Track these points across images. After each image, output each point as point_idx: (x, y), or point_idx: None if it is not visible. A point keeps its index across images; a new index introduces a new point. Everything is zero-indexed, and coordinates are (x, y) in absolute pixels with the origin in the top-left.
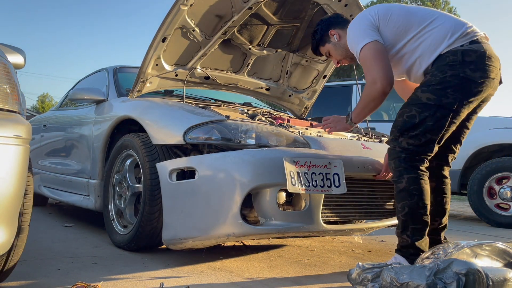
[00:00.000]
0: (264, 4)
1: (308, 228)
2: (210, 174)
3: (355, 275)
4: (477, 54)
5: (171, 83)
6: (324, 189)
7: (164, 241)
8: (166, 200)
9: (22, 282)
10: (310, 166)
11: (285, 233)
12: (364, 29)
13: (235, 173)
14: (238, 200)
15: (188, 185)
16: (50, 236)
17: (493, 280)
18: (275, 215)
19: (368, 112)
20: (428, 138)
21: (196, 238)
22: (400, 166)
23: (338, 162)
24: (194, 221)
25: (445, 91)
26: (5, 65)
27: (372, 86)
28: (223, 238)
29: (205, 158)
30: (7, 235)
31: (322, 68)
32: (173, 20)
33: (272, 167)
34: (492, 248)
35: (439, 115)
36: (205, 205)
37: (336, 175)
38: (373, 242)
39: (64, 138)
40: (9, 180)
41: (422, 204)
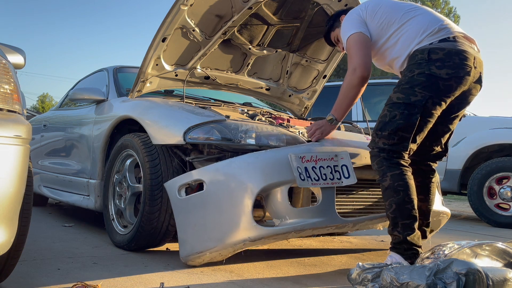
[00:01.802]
0: (264, 4)
1: (325, 222)
2: (218, 183)
3: (355, 275)
4: (444, 52)
5: (171, 83)
6: (334, 181)
7: (182, 259)
8: (178, 216)
9: (22, 282)
10: (316, 160)
11: (302, 230)
12: (352, 21)
13: (243, 177)
14: (249, 204)
15: (198, 197)
16: (50, 236)
17: (493, 280)
18: (289, 214)
19: (349, 103)
20: (400, 136)
21: (212, 249)
22: (383, 165)
23: (344, 154)
24: (208, 233)
25: (413, 90)
26: (5, 65)
27: (353, 74)
28: (239, 244)
29: (210, 168)
30: (7, 235)
31: (322, 68)
32: (173, 20)
33: (279, 165)
34: (492, 248)
35: (407, 113)
36: (217, 214)
37: (345, 166)
38: (373, 242)
39: (64, 138)
40: (9, 180)
41: (408, 199)
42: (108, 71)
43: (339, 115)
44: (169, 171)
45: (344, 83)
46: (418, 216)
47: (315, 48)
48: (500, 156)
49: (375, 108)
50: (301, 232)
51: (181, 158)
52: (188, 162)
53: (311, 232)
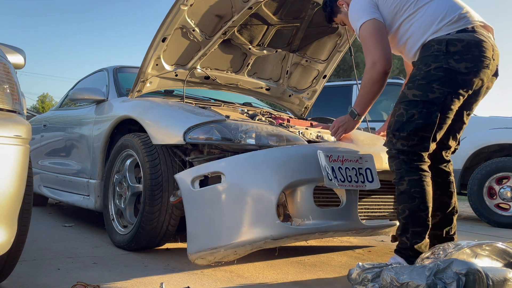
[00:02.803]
0: (264, 4)
1: (348, 225)
2: (239, 176)
3: (355, 275)
4: (463, 44)
5: (171, 83)
6: (358, 184)
7: (191, 255)
8: (190, 210)
9: (22, 282)
10: (343, 160)
11: (325, 232)
12: (363, 5)
13: (268, 171)
14: (273, 200)
15: (215, 190)
16: (50, 236)
17: (493, 280)
18: (312, 214)
19: (372, 98)
20: (421, 136)
21: (228, 245)
22: (401, 168)
23: (369, 157)
24: (224, 228)
25: (431, 86)
26: (5, 65)
27: (373, 68)
28: (259, 242)
29: (231, 160)
30: (7, 235)
31: (322, 68)
32: (173, 20)
33: (306, 162)
34: (492, 248)
35: (426, 112)
36: (236, 209)
37: (368, 169)
38: (373, 242)
39: (64, 138)
40: (9, 180)
41: (423, 207)
42: (108, 71)
43: (362, 110)
44: (169, 171)
45: (364, 77)
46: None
47: (315, 48)
48: (500, 156)
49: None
50: (324, 234)
51: (181, 158)
52: (188, 162)
53: (332, 234)
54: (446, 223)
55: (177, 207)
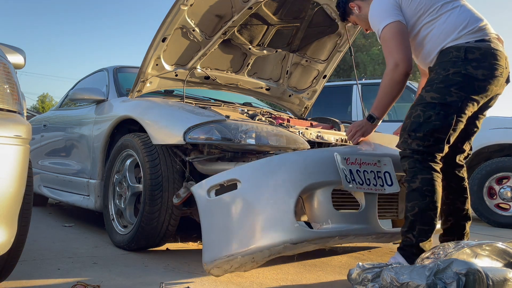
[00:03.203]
0: (264, 4)
1: (368, 229)
2: (255, 182)
3: (355, 275)
4: (481, 52)
5: (171, 83)
6: (377, 188)
7: (206, 265)
8: (206, 218)
9: (22, 282)
10: (361, 163)
11: (346, 236)
12: (387, 6)
13: (284, 175)
14: (291, 203)
15: (231, 197)
16: (50, 236)
17: (493, 280)
18: (331, 218)
19: (391, 101)
20: (436, 137)
21: (245, 252)
22: (415, 167)
23: (387, 160)
24: (241, 234)
25: (449, 89)
26: (5, 65)
27: (395, 70)
28: (278, 247)
29: (247, 166)
30: (7, 235)
31: (322, 68)
32: (173, 20)
33: (323, 165)
34: (492, 248)
35: (443, 114)
36: (253, 214)
37: (387, 173)
38: (373, 242)
39: (64, 138)
40: (9, 180)
41: (433, 206)
42: (108, 71)
43: (380, 114)
44: (169, 171)
45: (385, 79)
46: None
47: (315, 48)
48: (500, 156)
49: None
50: (344, 237)
51: (181, 158)
52: (188, 162)
53: (352, 239)
54: (458, 229)
55: (178, 208)
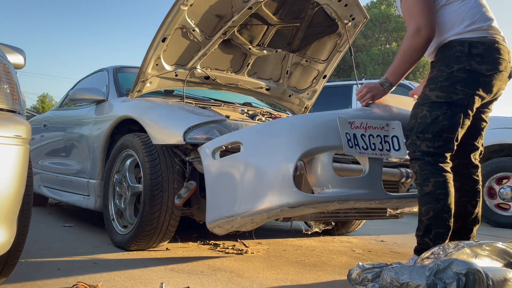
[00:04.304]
0: (264, 4)
1: (371, 195)
2: (257, 144)
3: (355, 275)
4: (485, 47)
5: (171, 83)
6: (383, 152)
7: (209, 224)
8: (210, 180)
9: (22, 282)
10: (366, 127)
11: (346, 201)
12: None
13: (285, 139)
14: (290, 167)
15: (233, 159)
16: (50, 236)
17: (493, 280)
18: (332, 183)
19: (408, 68)
20: (445, 137)
21: (245, 213)
22: (426, 169)
23: (396, 124)
24: (241, 196)
25: (454, 87)
26: (5, 65)
27: (417, 35)
28: (276, 210)
29: (250, 129)
30: (7, 235)
31: (322, 68)
32: (173, 20)
33: (325, 129)
34: (492, 248)
35: (450, 113)
36: (253, 177)
37: (395, 137)
38: (373, 242)
39: (64, 138)
40: (9, 180)
41: (447, 209)
42: (108, 71)
43: (395, 80)
44: (169, 171)
45: (404, 45)
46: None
47: (315, 48)
48: (500, 156)
49: None
50: (344, 202)
51: (181, 158)
52: (188, 162)
53: (354, 204)
54: (465, 232)
55: (178, 208)
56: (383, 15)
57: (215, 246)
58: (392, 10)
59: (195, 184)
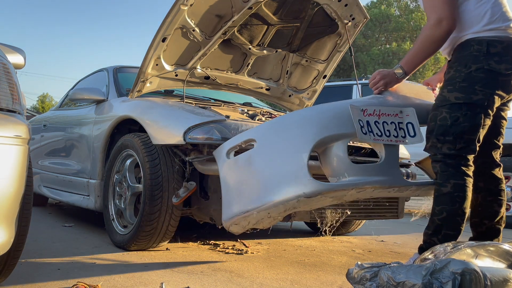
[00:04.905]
0: (264, 4)
1: (389, 182)
2: (269, 139)
3: (354, 274)
4: (503, 46)
5: (171, 83)
6: (399, 139)
7: (225, 222)
8: (225, 179)
9: (22, 282)
10: (380, 114)
11: (363, 189)
12: None
13: (298, 130)
14: (304, 157)
15: (247, 155)
16: (50, 236)
17: (492, 280)
18: (348, 171)
19: (425, 58)
20: (466, 139)
21: (260, 207)
22: (447, 171)
23: (410, 111)
24: (257, 190)
25: (473, 88)
26: (5, 65)
27: (438, 26)
28: (292, 201)
29: (262, 126)
30: (7, 235)
31: (322, 68)
32: (173, 20)
33: (338, 118)
34: (496, 249)
35: (470, 114)
36: (267, 170)
37: (410, 124)
38: (373, 242)
39: (64, 138)
40: (9, 180)
41: (461, 212)
42: (108, 71)
43: (410, 69)
44: (169, 171)
45: (423, 35)
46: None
47: (315, 48)
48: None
49: None
50: (362, 190)
51: (181, 158)
52: (188, 162)
53: (371, 192)
54: (492, 233)
55: (178, 208)
56: (383, 15)
57: (215, 246)
58: (392, 10)
59: (195, 185)
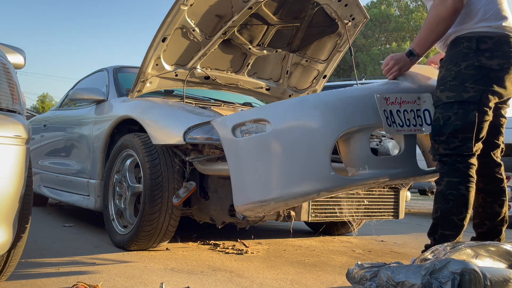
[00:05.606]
0: (264, 4)
1: (406, 173)
2: (287, 124)
3: (354, 274)
4: (494, 41)
5: (171, 83)
6: (417, 128)
7: (238, 207)
8: (233, 160)
9: (22, 282)
10: (401, 102)
11: (382, 182)
12: None
13: (319, 119)
14: (327, 150)
15: (261, 140)
16: (50, 236)
17: (491, 280)
18: (368, 163)
19: (435, 39)
20: (461, 137)
21: (279, 198)
22: (443, 168)
23: (427, 96)
24: (274, 180)
25: (464, 85)
26: (5, 65)
27: (442, 4)
28: (313, 194)
29: (278, 106)
30: (7, 235)
31: (322, 68)
32: (173, 20)
33: (362, 107)
34: (496, 249)
35: (462, 112)
36: (286, 160)
37: (427, 111)
38: (373, 242)
39: (64, 138)
40: (9, 180)
41: (456, 211)
42: (108, 71)
43: (421, 51)
44: (169, 171)
45: (430, 14)
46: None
47: (315, 48)
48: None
49: None
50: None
51: (181, 158)
52: (188, 162)
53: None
54: (494, 234)
55: (178, 208)
56: (383, 15)
57: (215, 246)
58: (392, 10)
59: (195, 185)
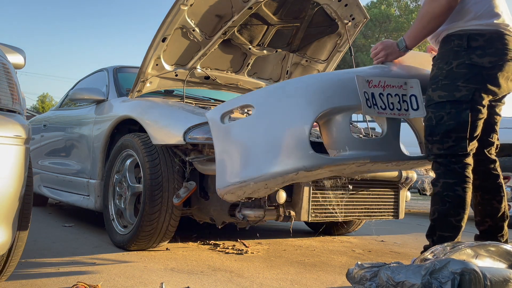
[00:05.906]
0: (264, 4)
1: (389, 156)
2: (269, 107)
3: (354, 274)
4: (485, 38)
5: (171, 83)
6: (402, 112)
7: (220, 190)
8: (219, 145)
9: (22, 282)
10: (384, 86)
11: (363, 163)
12: None
13: (300, 99)
14: (306, 129)
15: (244, 122)
16: (50, 236)
17: (491, 280)
18: (349, 144)
19: (426, 34)
20: (455, 137)
21: (258, 177)
22: (439, 169)
23: (414, 82)
24: (255, 160)
25: (455, 84)
26: (5, 65)
27: (434, 0)
28: (291, 174)
29: (261, 91)
30: (7, 235)
31: (322, 68)
32: (173, 20)
33: (342, 88)
34: (496, 249)
35: (455, 111)
36: (267, 140)
37: (414, 96)
38: (373, 242)
39: (64, 138)
40: (9, 180)
41: (454, 212)
42: (108, 71)
43: (411, 44)
44: (169, 171)
45: (423, 10)
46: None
47: (315, 48)
48: (500, 156)
49: None
50: (362, 165)
51: (181, 158)
52: (188, 162)
53: (371, 167)
54: (496, 231)
55: (178, 208)
56: (383, 15)
57: (215, 246)
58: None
59: (195, 185)
